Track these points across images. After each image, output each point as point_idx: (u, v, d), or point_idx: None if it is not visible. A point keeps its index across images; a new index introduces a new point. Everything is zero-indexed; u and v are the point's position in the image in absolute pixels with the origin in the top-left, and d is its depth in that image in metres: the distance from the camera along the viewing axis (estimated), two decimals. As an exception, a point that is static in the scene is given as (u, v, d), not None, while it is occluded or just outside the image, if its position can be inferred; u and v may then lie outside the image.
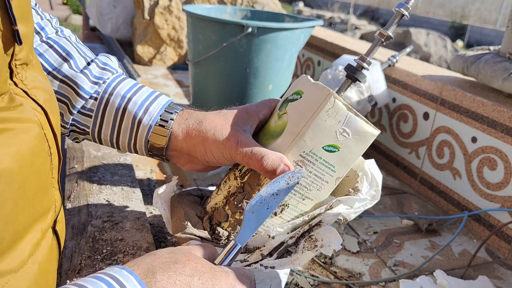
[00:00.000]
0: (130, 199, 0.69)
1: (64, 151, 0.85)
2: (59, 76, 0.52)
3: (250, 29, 0.93)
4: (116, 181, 0.73)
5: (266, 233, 0.47)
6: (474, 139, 0.81)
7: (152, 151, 0.55)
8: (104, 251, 0.55)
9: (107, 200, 0.67)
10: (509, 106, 0.76)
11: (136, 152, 0.56)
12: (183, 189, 0.60)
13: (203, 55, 1.00)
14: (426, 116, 0.92)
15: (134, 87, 0.55)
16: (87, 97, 0.53)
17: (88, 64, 0.55)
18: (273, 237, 0.46)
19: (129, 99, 0.54)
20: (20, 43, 0.34)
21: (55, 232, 0.41)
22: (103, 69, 0.55)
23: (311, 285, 0.61)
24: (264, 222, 0.46)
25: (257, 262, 0.45)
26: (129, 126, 0.54)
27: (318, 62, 1.37)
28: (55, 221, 0.41)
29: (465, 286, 0.59)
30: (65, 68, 0.53)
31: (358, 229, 0.77)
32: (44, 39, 0.54)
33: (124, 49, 1.80)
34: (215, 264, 0.40)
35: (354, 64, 0.50)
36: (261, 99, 1.10)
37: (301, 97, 0.47)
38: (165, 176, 0.86)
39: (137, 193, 0.71)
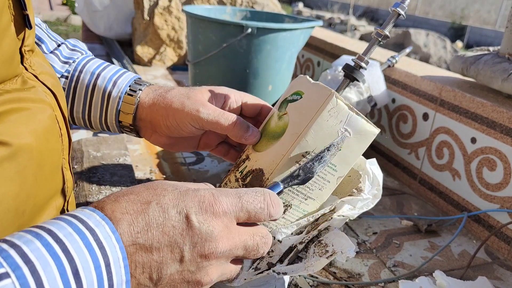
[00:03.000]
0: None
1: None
2: None
3: (249, 30, 0.93)
4: (115, 182, 0.73)
5: (271, 234, 0.46)
6: (473, 140, 0.81)
7: (122, 121, 0.55)
8: (104, 251, 0.55)
9: (106, 201, 0.67)
10: (508, 106, 0.76)
11: (108, 128, 0.57)
12: None
13: (203, 56, 1.00)
14: (425, 116, 0.92)
15: (103, 65, 0.57)
16: (59, 76, 0.55)
17: (58, 46, 0.57)
18: (279, 241, 0.46)
19: (98, 75, 0.55)
20: (30, 27, 0.36)
21: None
22: (73, 50, 0.57)
23: (311, 286, 0.61)
24: (267, 223, 0.46)
25: (269, 269, 0.45)
26: (99, 101, 0.55)
27: (318, 63, 1.37)
28: (67, 203, 0.42)
29: (464, 287, 0.59)
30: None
31: (358, 230, 0.77)
32: None
33: (124, 49, 1.80)
34: None
35: (352, 63, 0.50)
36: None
37: (301, 97, 0.47)
38: (164, 176, 0.86)
39: (137, 193, 0.71)
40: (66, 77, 0.55)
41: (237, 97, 0.55)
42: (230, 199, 0.36)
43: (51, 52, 0.55)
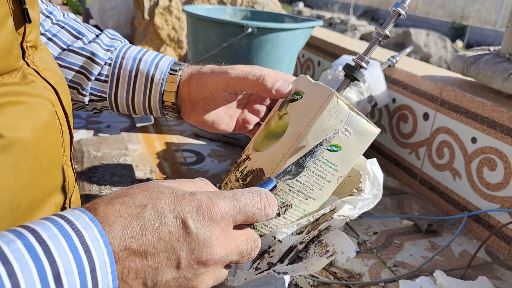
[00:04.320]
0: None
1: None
2: (76, 50, 0.56)
3: (250, 30, 0.93)
4: (115, 182, 0.73)
5: (271, 234, 0.46)
6: (474, 140, 0.81)
7: (165, 101, 0.57)
8: (104, 251, 0.55)
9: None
10: (508, 106, 0.76)
11: (150, 111, 0.59)
12: None
13: (203, 56, 1.00)
14: (426, 116, 0.92)
15: (142, 50, 0.60)
16: (103, 63, 0.57)
17: (98, 36, 0.59)
18: (280, 241, 0.46)
19: (140, 59, 0.58)
20: (30, 21, 0.36)
21: None
22: (112, 39, 0.60)
23: (311, 286, 0.61)
24: (268, 223, 0.46)
25: (269, 269, 0.45)
26: (142, 84, 0.57)
27: (318, 63, 1.37)
28: (70, 201, 0.42)
29: (464, 286, 0.59)
30: (79, 44, 0.57)
31: (358, 230, 0.77)
32: (55, 21, 0.58)
33: (124, 49, 1.80)
34: None
35: (353, 63, 0.50)
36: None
37: (301, 97, 0.47)
38: (164, 176, 0.86)
39: (137, 193, 0.71)
40: (109, 64, 0.57)
41: (270, 73, 0.55)
42: (228, 202, 0.35)
43: (92, 41, 0.57)
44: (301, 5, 12.02)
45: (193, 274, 0.33)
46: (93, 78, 0.57)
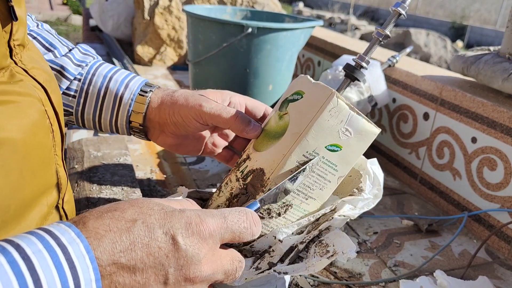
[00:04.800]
0: (131, 199, 0.69)
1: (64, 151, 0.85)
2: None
3: (250, 29, 0.93)
4: (116, 181, 0.73)
5: (272, 234, 0.46)
6: (474, 140, 0.81)
7: (132, 121, 0.57)
8: (104, 251, 0.55)
9: (107, 201, 0.67)
10: (508, 106, 0.76)
11: (117, 130, 0.58)
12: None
13: (203, 56, 1.00)
14: (426, 116, 0.92)
15: (114, 68, 0.59)
16: (72, 78, 0.56)
17: (70, 50, 0.58)
18: (280, 240, 0.46)
19: (111, 78, 0.57)
20: (16, 19, 0.35)
21: (64, 212, 0.42)
22: (85, 54, 0.59)
23: (311, 286, 0.61)
24: (268, 223, 0.46)
25: (270, 269, 0.45)
26: (111, 103, 0.57)
27: (318, 63, 1.37)
28: (63, 201, 0.42)
29: (465, 286, 0.59)
30: (49, 56, 0.56)
31: (358, 229, 0.77)
32: (27, 31, 0.56)
33: (124, 49, 1.80)
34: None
35: (353, 63, 0.50)
36: (261, 99, 1.11)
37: (302, 97, 0.47)
38: (165, 176, 0.86)
39: (137, 193, 0.71)
40: (79, 80, 0.57)
41: (240, 100, 0.56)
42: (216, 220, 0.35)
43: (64, 55, 0.56)
44: (301, 5, 12.02)
45: None
46: (60, 92, 0.56)
